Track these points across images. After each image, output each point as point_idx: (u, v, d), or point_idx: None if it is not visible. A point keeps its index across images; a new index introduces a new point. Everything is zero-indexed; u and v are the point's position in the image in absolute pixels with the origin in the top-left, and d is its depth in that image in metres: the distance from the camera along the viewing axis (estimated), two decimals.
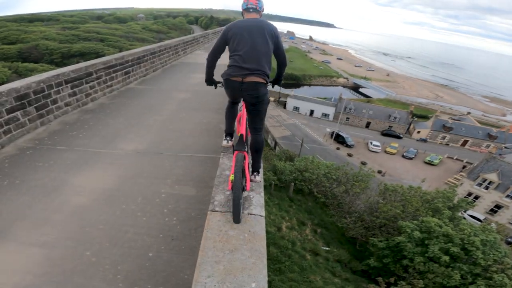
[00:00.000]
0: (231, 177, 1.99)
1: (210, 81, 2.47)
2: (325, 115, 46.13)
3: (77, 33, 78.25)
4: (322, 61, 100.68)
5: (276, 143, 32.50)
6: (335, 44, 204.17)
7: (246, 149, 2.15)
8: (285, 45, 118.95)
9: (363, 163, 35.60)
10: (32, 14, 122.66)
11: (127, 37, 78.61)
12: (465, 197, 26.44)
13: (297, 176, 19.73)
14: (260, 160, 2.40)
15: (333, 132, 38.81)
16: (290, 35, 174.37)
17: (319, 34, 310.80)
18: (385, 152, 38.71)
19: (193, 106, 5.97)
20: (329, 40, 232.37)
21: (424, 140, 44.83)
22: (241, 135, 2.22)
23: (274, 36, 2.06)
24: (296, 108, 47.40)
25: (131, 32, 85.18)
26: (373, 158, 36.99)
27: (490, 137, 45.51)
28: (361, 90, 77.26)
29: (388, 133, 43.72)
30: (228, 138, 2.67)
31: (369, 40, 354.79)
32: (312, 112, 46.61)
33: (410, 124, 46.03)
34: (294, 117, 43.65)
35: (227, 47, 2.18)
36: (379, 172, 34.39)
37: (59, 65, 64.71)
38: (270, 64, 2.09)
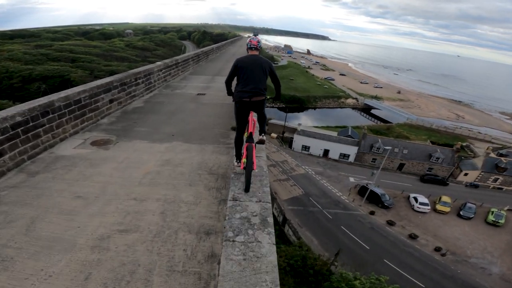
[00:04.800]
0: (244, 160, 2.95)
1: (230, 93, 3.36)
2: (344, 155, 35.10)
3: (47, 52, 68.37)
4: (325, 78, 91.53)
5: (284, 218, 21.23)
6: (332, 57, 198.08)
7: (253, 142, 3.03)
8: (284, 61, 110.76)
9: (413, 237, 24.65)
10: (17, 30, 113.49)
11: (105, 56, 68.87)
12: None
13: None
14: (264, 127, 3.30)
15: (362, 187, 27.98)
16: (288, 49, 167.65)
17: (315, 46, 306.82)
18: (435, 210, 27.96)
19: None
20: (326, 53, 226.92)
21: (476, 186, 34.25)
22: (250, 133, 3.12)
23: (269, 69, 3.06)
24: (306, 148, 36.09)
25: (111, 50, 75.50)
26: (423, 224, 26.16)
27: None
28: (373, 111, 67.31)
29: (430, 179, 32.91)
30: (238, 161, 3.30)
31: (364, 52, 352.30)
32: (326, 152, 35.56)
33: (454, 165, 35.51)
34: (305, 163, 32.12)
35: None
36: (437, 250, 23.53)
37: (19, 90, 54.06)
38: (265, 84, 3.04)
